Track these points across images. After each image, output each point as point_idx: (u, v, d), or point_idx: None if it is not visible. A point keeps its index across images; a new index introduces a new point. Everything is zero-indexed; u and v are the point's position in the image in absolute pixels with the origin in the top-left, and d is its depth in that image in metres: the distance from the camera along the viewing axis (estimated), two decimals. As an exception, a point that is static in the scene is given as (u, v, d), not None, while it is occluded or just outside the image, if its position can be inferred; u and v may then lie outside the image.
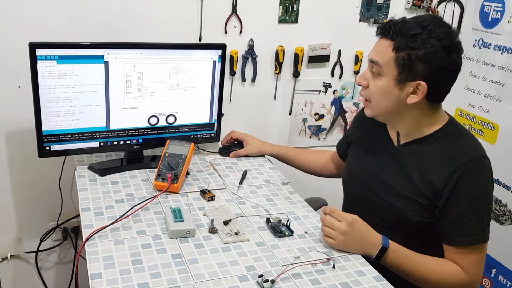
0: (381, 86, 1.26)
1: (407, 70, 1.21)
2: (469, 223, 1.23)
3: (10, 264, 1.92)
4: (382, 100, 1.28)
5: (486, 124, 2.05)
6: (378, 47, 1.27)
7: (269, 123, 2.10)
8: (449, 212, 1.25)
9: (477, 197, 1.24)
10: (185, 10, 1.78)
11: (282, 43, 1.96)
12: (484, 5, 2.05)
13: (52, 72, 1.45)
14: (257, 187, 1.60)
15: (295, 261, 1.21)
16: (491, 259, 2.04)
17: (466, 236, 1.24)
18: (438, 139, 1.30)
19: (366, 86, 1.31)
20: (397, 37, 1.21)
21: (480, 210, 1.25)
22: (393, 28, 1.22)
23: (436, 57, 1.19)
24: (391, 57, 1.23)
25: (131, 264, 1.15)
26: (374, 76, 1.28)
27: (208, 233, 1.30)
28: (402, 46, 1.20)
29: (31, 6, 1.60)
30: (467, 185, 1.23)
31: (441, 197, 1.25)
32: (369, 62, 1.29)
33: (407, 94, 1.24)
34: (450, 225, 1.25)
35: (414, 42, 1.19)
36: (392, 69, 1.23)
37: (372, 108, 1.33)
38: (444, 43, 1.19)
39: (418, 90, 1.23)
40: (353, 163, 1.52)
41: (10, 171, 1.79)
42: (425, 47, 1.19)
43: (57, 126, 1.52)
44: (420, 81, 1.21)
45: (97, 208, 1.38)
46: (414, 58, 1.20)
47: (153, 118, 1.65)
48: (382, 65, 1.24)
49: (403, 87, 1.24)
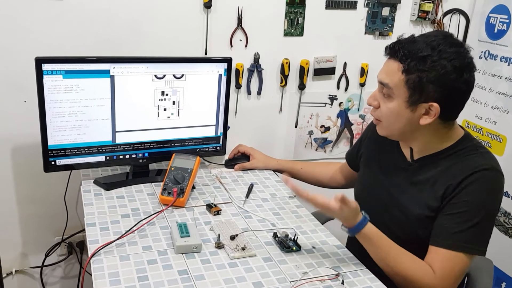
0: (392, 108, 1.24)
1: (418, 93, 1.19)
2: (457, 228, 1.19)
3: (15, 279, 1.91)
4: (394, 122, 1.26)
5: (494, 136, 2.03)
6: (387, 69, 1.24)
7: (275, 135, 2.09)
8: (444, 213, 1.23)
9: (476, 206, 1.20)
10: (191, 24, 1.79)
11: (288, 56, 1.96)
12: (490, 17, 2.05)
13: (58, 87, 1.45)
14: (264, 200, 1.59)
15: (303, 277, 1.19)
16: (500, 273, 2.02)
17: (449, 239, 1.20)
18: (452, 154, 1.27)
19: (377, 107, 1.29)
20: (407, 60, 1.18)
21: (475, 219, 1.19)
22: (402, 50, 1.19)
23: (447, 79, 1.16)
24: (401, 80, 1.20)
25: (137, 280, 1.14)
26: (384, 97, 1.26)
27: (214, 248, 1.29)
28: (412, 69, 1.17)
29: (37, 21, 1.61)
30: (470, 192, 1.20)
31: (446, 200, 1.23)
32: (379, 83, 1.27)
33: (419, 116, 1.22)
34: (439, 225, 1.23)
35: (424, 64, 1.16)
36: (403, 92, 1.20)
37: (385, 128, 1.31)
38: (455, 64, 1.16)
39: (430, 111, 1.20)
40: (366, 178, 1.50)
41: (16, 186, 1.79)
42: (435, 69, 1.16)
43: (63, 141, 1.52)
44: (433, 103, 1.19)
45: (103, 223, 1.37)
46: (425, 81, 1.17)
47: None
48: (392, 88, 1.22)
49: (415, 108, 1.21)
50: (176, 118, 1.65)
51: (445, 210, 1.23)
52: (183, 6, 1.76)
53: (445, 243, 1.20)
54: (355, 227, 1.22)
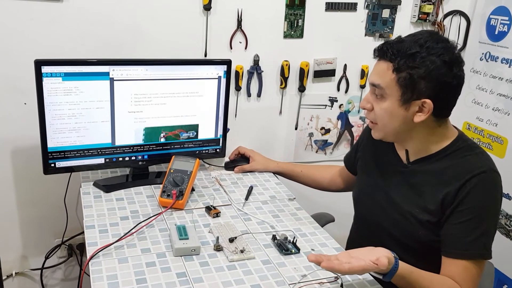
0: (386, 108, 1.24)
1: (410, 90, 1.20)
2: (471, 236, 1.20)
3: (15, 282, 1.91)
4: (389, 122, 1.26)
5: (495, 138, 2.02)
6: (378, 70, 1.25)
7: (275, 138, 2.09)
8: (452, 222, 1.22)
9: (482, 211, 1.21)
10: (191, 26, 1.79)
11: (288, 58, 1.96)
12: (491, 18, 2.04)
13: (58, 89, 1.46)
14: (263, 203, 1.58)
15: (302, 279, 1.19)
16: (501, 275, 2.01)
17: (466, 249, 1.20)
18: (448, 155, 1.28)
19: (370, 109, 1.29)
20: (396, 58, 1.19)
21: (484, 224, 1.21)
22: (391, 50, 1.21)
23: (438, 74, 1.18)
24: (392, 79, 1.21)
25: (135, 283, 1.14)
26: (377, 98, 1.26)
27: (213, 250, 1.29)
28: (402, 66, 1.19)
29: (37, 23, 1.61)
30: (474, 197, 1.20)
31: (449, 208, 1.22)
32: (370, 85, 1.27)
33: (413, 113, 1.23)
34: (451, 235, 1.22)
35: (414, 61, 1.18)
36: (395, 90, 1.21)
37: (380, 130, 1.30)
38: (444, 59, 1.18)
39: (424, 108, 1.21)
40: (364, 181, 1.50)
41: (16, 188, 1.79)
42: (425, 65, 1.17)
43: (63, 143, 1.52)
44: (425, 99, 1.20)
45: (102, 225, 1.37)
46: (416, 77, 1.18)
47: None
48: (384, 88, 1.22)
49: (408, 106, 1.22)
50: (175, 119, 1.65)
51: (452, 219, 1.22)
52: (182, 8, 1.76)
53: (462, 254, 1.21)
54: (390, 272, 1.12)
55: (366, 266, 1.07)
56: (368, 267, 1.07)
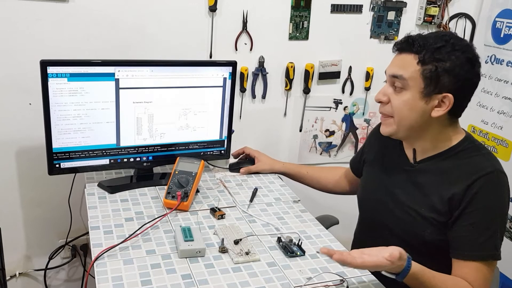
0: (406, 100, 1.24)
1: (434, 83, 1.20)
2: (482, 237, 1.20)
3: (19, 282, 1.91)
4: (407, 114, 1.25)
5: (500, 141, 2.02)
6: (400, 62, 1.25)
7: (279, 139, 2.09)
8: (461, 224, 1.22)
9: (491, 212, 1.21)
10: (196, 27, 1.79)
11: (293, 60, 1.96)
12: (496, 21, 2.04)
13: (63, 90, 1.45)
14: (268, 205, 1.58)
15: (308, 282, 1.18)
16: (506, 279, 2.00)
17: (478, 250, 1.20)
18: (455, 155, 1.28)
19: (387, 102, 1.28)
20: (422, 50, 1.20)
21: (493, 225, 1.21)
22: (417, 42, 1.22)
23: (462, 70, 1.19)
24: (416, 70, 1.21)
25: (140, 284, 1.13)
26: (396, 91, 1.26)
27: (218, 252, 1.28)
28: (428, 59, 1.20)
29: (43, 24, 1.62)
30: (482, 199, 1.20)
31: (457, 209, 1.22)
32: (390, 77, 1.27)
33: (432, 107, 1.23)
34: (461, 237, 1.22)
35: (440, 54, 1.19)
36: (418, 83, 1.21)
37: (393, 124, 1.29)
38: (468, 55, 1.20)
39: (443, 103, 1.22)
40: (369, 182, 1.49)
41: (20, 188, 1.79)
42: (451, 59, 1.19)
43: (67, 144, 1.52)
44: (447, 94, 1.20)
45: (107, 226, 1.37)
46: (441, 71, 1.19)
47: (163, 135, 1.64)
48: (407, 79, 1.22)
49: (429, 100, 1.22)
50: (181, 121, 1.65)
51: (461, 221, 1.22)
52: (188, 9, 1.76)
53: (474, 255, 1.21)
54: (403, 271, 1.11)
55: (378, 262, 1.07)
56: (381, 263, 1.07)
